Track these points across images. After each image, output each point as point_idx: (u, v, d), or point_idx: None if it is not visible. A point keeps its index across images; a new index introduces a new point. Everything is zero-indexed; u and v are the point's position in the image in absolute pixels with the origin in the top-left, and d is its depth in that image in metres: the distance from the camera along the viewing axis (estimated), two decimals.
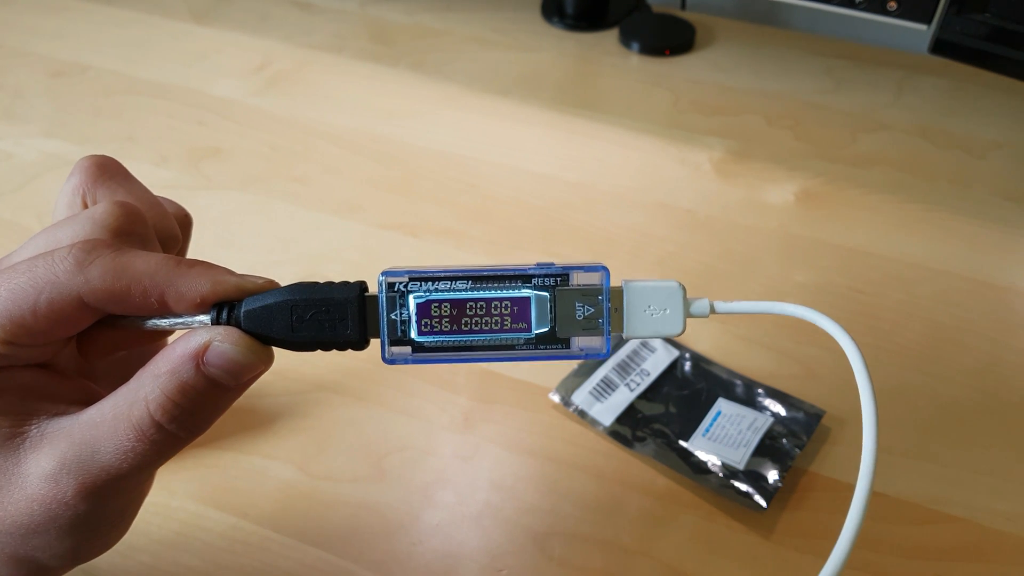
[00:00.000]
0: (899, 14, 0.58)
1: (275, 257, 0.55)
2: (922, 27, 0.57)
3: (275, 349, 0.25)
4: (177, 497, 0.42)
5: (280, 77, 0.72)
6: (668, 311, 0.25)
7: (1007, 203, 0.60)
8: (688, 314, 0.25)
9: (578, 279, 0.25)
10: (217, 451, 0.44)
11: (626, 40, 0.76)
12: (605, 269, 0.25)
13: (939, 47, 0.56)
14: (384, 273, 0.24)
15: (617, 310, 0.25)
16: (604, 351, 0.25)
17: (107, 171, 0.27)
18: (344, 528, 0.41)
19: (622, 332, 0.25)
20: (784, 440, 0.44)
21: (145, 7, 0.80)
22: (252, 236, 0.57)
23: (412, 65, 0.73)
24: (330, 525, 0.41)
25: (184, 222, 0.29)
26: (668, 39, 0.75)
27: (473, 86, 0.71)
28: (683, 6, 0.81)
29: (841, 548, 0.23)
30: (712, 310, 0.25)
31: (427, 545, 0.40)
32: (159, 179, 0.61)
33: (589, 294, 0.24)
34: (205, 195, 0.60)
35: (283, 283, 0.25)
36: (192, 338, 0.23)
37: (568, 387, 0.46)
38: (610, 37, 0.77)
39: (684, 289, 0.25)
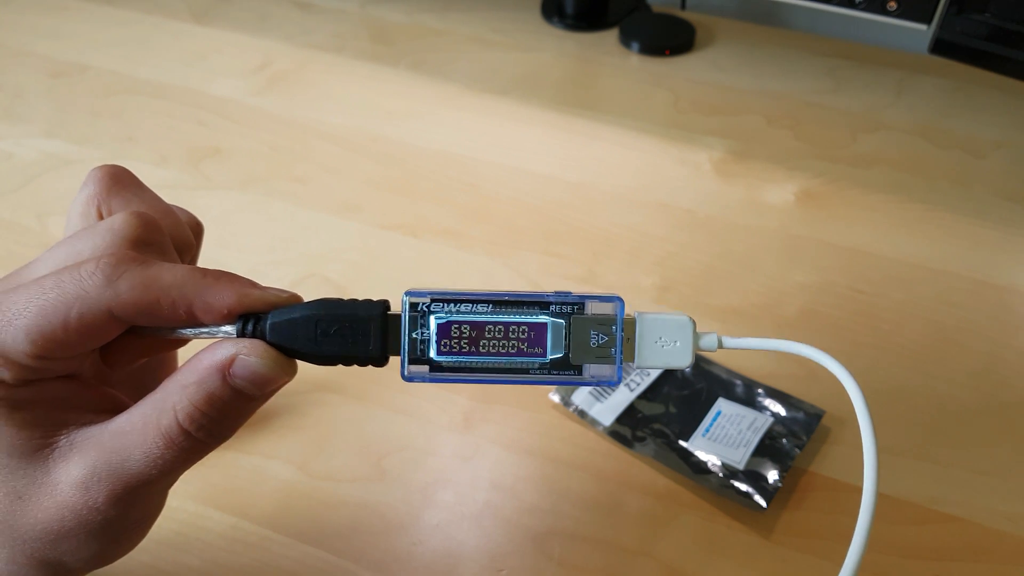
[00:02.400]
0: (899, 14, 0.58)
1: (275, 257, 0.55)
2: (922, 27, 0.57)
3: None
4: (177, 497, 0.42)
5: (280, 77, 0.72)
6: (678, 343, 0.26)
7: (1007, 203, 0.60)
8: (697, 348, 0.26)
9: (593, 308, 0.25)
10: (217, 451, 0.43)
11: (626, 40, 0.76)
12: (620, 300, 0.25)
13: (939, 47, 0.56)
14: (408, 293, 0.25)
15: (629, 340, 0.25)
16: (615, 379, 0.25)
17: (120, 181, 0.27)
18: (344, 528, 0.41)
19: (633, 362, 0.26)
20: (784, 440, 0.44)
21: (145, 7, 0.80)
22: (252, 236, 0.57)
23: (412, 65, 0.73)
24: (330, 525, 0.41)
25: (196, 230, 0.30)
26: (668, 39, 0.75)
27: (473, 86, 0.71)
28: (683, 6, 0.81)
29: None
30: (720, 345, 0.26)
31: (427, 545, 0.40)
32: (159, 179, 0.61)
33: (603, 323, 0.25)
34: (205, 195, 0.60)
35: (290, 288, 0.26)
36: (219, 350, 0.24)
37: (568, 387, 0.46)
38: (610, 37, 0.77)
39: (694, 324, 0.26)
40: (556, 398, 0.46)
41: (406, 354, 0.25)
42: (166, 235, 0.26)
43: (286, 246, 0.56)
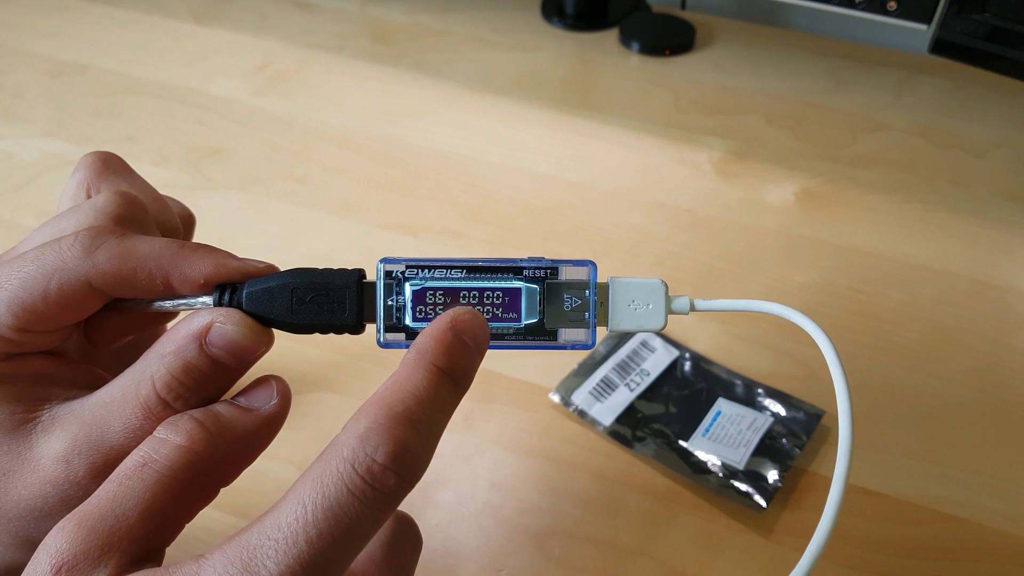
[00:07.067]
0: (899, 14, 0.58)
1: (275, 257, 0.55)
2: (922, 27, 0.57)
3: (277, 336, 0.25)
4: None
5: (280, 77, 0.72)
6: (651, 306, 0.26)
7: (1007, 203, 0.60)
8: (669, 310, 0.26)
9: (567, 273, 0.25)
10: None
11: (626, 40, 0.76)
12: (593, 264, 0.25)
13: (939, 47, 0.56)
14: (382, 260, 0.25)
15: (602, 304, 0.26)
16: (590, 343, 0.26)
17: (111, 166, 0.28)
18: None
19: (607, 325, 0.26)
20: (784, 440, 0.44)
21: (145, 7, 0.80)
22: (252, 236, 0.57)
23: (412, 65, 0.73)
24: None
25: (188, 221, 0.30)
26: (668, 39, 0.75)
27: (473, 86, 0.71)
28: (683, 6, 0.81)
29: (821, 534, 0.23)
30: (692, 307, 0.26)
31: (427, 545, 0.40)
32: (159, 179, 0.61)
33: (576, 287, 0.25)
34: (205, 195, 0.60)
35: None
36: (195, 319, 0.24)
37: (568, 387, 0.46)
38: (610, 37, 0.77)
39: (666, 286, 0.26)
40: (556, 398, 0.46)
41: (382, 321, 0.25)
42: (149, 215, 0.26)
43: (286, 246, 0.56)
